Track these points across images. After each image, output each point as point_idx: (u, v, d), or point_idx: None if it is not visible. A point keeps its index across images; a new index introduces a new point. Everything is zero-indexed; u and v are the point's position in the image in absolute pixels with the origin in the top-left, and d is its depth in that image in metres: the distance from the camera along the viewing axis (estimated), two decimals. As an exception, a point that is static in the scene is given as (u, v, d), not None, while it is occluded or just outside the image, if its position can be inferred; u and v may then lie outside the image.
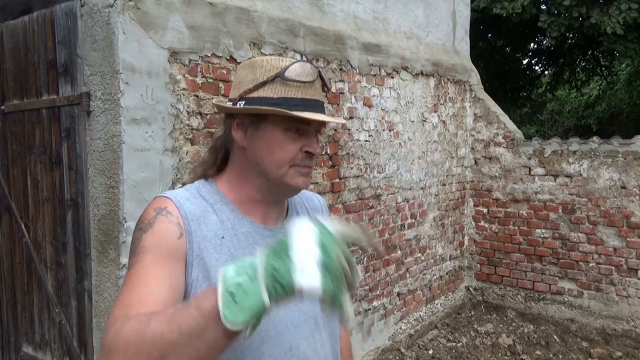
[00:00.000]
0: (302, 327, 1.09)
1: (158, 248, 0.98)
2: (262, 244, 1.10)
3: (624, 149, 4.62)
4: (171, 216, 1.02)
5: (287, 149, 1.06)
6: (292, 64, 1.07)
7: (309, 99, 1.06)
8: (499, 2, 7.70)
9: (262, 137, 1.07)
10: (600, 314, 4.77)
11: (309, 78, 1.06)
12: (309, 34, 3.46)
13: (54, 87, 2.72)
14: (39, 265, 2.93)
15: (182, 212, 1.04)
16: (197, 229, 1.04)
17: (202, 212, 1.07)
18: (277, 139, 1.06)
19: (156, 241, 0.98)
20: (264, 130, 1.07)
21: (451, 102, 5.15)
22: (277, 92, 1.05)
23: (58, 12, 2.65)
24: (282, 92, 1.05)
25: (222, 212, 1.10)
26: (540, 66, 12.31)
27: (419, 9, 4.76)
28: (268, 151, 1.07)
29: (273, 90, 1.05)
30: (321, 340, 1.13)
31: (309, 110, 1.05)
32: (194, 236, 1.03)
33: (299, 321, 1.09)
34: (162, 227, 1.00)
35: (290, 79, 1.05)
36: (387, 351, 4.36)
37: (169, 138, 2.61)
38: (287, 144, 1.06)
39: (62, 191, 2.75)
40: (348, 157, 3.86)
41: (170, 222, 1.01)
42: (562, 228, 4.94)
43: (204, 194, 1.11)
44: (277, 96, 1.04)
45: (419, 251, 4.77)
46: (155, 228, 1.00)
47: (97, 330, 2.60)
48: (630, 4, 6.71)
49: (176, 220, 1.02)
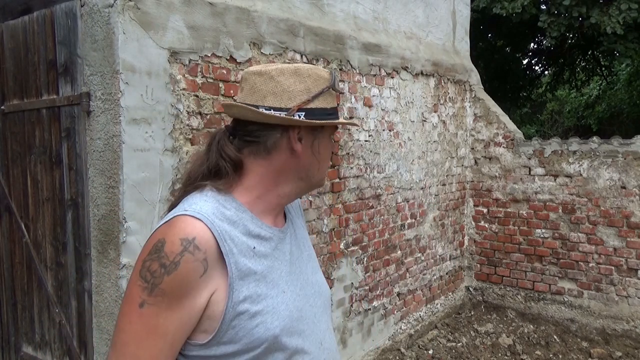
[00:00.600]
0: (321, 320, 1.17)
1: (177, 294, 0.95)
2: (281, 248, 1.13)
3: (624, 149, 4.62)
4: (198, 252, 0.96)
5: (329, 153, 1.18)
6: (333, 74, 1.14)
7: (336, 108, 1.15)
8: (499, 2, 7.70)
9: (320, 146, 1.13)
10: (600, 314, 4.77)
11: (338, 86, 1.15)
12: (309, 34, 3.46)
13: (54, 87, 2.72)
14: (39, 265, 2.93)
15: (215, 232, 0.99)
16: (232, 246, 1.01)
17: (230, 225, 1.04)
18: (329, 146, 1.17)
19: (177, 286, 0.94)
20: (321, 140, 1.13)
21: (451, 102, 5.15)
22: (329, 102, 1.11)
23: (58, 12, 2.65)
24: (332, 102, 1.12)
25: (246, 221, 1.07)
26: (540, 66, 12.31)
27: (419, 9, 4.76)
28: (323, 158, 1.15)
29: (325, 101, 1.10)
30: (331, 329, 1.22)
31: (337, 117, 1.15)
32: (231, 256, 1.00)
33: (319, 315, 1.17)
34: (187, 269, 0.95)
35: (338, 90, 1.13)
36: (387, 351, 4.36)
37: (169, 138, 2.61)
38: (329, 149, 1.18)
39: (62, 191, 2.75)
40: (348, 157, 3.86)
41: (195, 261, 0.95)
42: (562, 228, 4.94)
43: (224, 203, 1.06)
44: (330, 106, 1.11)
45: (419, 251, 4.77)
46: (180, 270, 0.94)
47: (97, 330, 2.60)
48: (630, 4, 6.71)
49: (203, 255, 0.96)
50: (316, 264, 1.27)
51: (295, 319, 1.08)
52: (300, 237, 1.24)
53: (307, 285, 1.17)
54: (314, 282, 1.20)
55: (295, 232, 1.23)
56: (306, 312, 1.13)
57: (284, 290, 1.08)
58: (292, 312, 1.08)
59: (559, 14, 7.45)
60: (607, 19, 6.80)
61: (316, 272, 1.24)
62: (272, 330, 1.02)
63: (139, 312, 0.94)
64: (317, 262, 1.28)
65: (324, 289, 1.23)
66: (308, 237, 1.31)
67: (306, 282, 1.17)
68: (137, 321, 0.94)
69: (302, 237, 1.26)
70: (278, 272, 1.09)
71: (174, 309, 0.94)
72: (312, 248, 1.29)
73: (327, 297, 1.24)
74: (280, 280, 1.09)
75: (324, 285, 1.24)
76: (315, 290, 1.19)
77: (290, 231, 1.20)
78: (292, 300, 1.09)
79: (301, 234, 1.26)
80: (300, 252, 1.20)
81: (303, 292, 1.14)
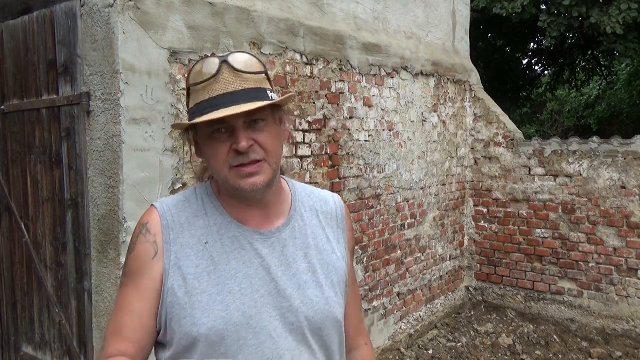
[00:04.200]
0: (286, 338, 1.04)
1: (137, 273, 1.06)
2: (249, 248, 1.07)
3: (624, 149, 4.61)
4: (149, 235, 1.06)
5: (217, 153, 1.02)
6: (194, 66, 1.04)
7: (216, 96, 0.99)
8: (499, 2, 7.69)
9: (202, 148, 1.08)
10: (600, 314, 4.77)
11: (207, 73, 1.00)
12: (309, 34, 3.46)
13: (54, 87, 2.72)
14: (39, 265, 2.93)
15: (164, 221, 1.07)
16: (179, 237, 1.06)
17: (190, 217, 1.09)
18: (209, 146, 1.04)
19: (135, 265, 1.06)
20: (200, 141, 1.07)
21: (451, 102, 5.15)
22: (193, 100, 1.03)
23: (58, 12, 2.65)
24: (195, 99, 1.02)
25: (212, 216, 1.09)
26: (540, 66, 12.31)
27: (419, 9, 4.76)
28: (208, 160, 1.08)
29: (192, 100, 1.04)
30: (310, 352, 1.07)
31: (219, 107, 0.98)
32: (172, 245, 1.06)
33: (283, 332, 1.04)
34: (140, 249, 1.06)
35: (194, 84, 1.02)
36: (387, 351, 4.36)
37: (169, 138, 2.61)
38: (215, 148, 1.02)
39: (62, 191, 2.75)
40: (348, 157, 3.86)
41: (147, 242, 1.06)
42: (562, 228, 4.94)
43: (199, 195, 1.13)
44: (193, 104, 1.03)
45: (419, 251, 4.77)
46: (136, 250, 1.07)
47: (97, 330, 2.60)
48: (630, 4, 6.70)
49: (152, 238, 1.06)
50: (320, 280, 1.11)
51: (234, 324, 1.00)
52: (305, 247, 1.12)
53: (278, 296, 1.05)
54: (295, 296, 1.06)
55: (297, 240, 1.12)
56: (260, 322, 1.02)
57: (231, 291, 1.02)
58: (232, 315, 1.01)
59: (559, 14, 7.45)
60: (607, 19, 6.80)
61: (310, 288, 1.09)
62: (197, 327, 0.99)
63: (119, 292, 1.09)
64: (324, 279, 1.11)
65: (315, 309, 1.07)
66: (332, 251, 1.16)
67: (277, 292, 1.05)
68: (117, 301, 1.08)
69: (309, 247, 1.13)
70: (232, 271, 1.04)
71: (138, 286, 1.04)
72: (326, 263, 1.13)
73: (315, 318, 1.07)
74: (232, 280, 1.03)
75: (317, 305, 1.08)
76: (292, 304, 1.05)
77: (283, 236, 1.10)
78: (238, 303, 1.02)
79: (309, 244, 1.13)
80: (292, 261, 1.09)
81: (265, 300, 1.04)
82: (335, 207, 1.22)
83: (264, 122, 1.03)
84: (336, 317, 1.12)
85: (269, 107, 1.02)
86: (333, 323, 1.11)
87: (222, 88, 0.99)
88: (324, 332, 1.09)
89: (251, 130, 1.02)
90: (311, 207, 1.19)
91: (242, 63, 1.01)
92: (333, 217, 1.20)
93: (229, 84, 1.00)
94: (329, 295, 1.11)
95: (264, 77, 1.05)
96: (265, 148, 1.02)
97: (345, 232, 1.21)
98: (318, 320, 1.08)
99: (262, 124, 1.03)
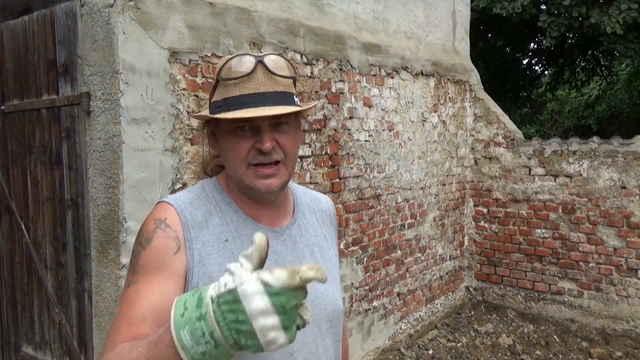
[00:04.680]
0: (304, 332, 1.05)
1: (154, 267, 0.99)
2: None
3: (624, 149, 4.62)
4: (169, 229, 1.02)
5: (237, 149, 1.04)
6: (227, 61, 1.03)
7: (247, 95, 1.01)
8: (499, 2, 7.69)
9: (221, 142, 1.07)
10: (600, 314, 4.77)
11: (243, 71, 1.01)
12: (309, 34, 3.46)
13: (54, 87, 2.72)
14: (39, 265, 2.93)
15: (183, 218, 1.04)
16: (199, 235, 1.04)
17: (205, 214, 1.07)
18: (229, 141, 1.04)
19: (152, 259, 1.00)
20: (219, 135, 1.07)
21: (451, 102, 5.15)
22: (221, 94, 1.03)
23: (58, 12, 2.65)
24: (223, 93, 1.03)
25: (226, 213, 1.09)
26: (540, 66, 12.31)
27: (419, 9, 4.76)
28: (225, 155, 1.07)
29: (218, 93, 1.04)
30: (324, 345, 1.11)
31: (249, 106, 0.99)
32: (195, 243, 1.03)
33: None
34: (159, 244, 1.01)
35: (225, 78, 1.02)
36: (387, 351, 4.36)
37: (169, 138, 2.61)
38: (237, 144, 1.03)
39: (62, 191, 2.75)
40: (348, 157, 3.86)
41: (168, 237, 1.01)
42: (562, 228, 4.94)
43: (209, 192, 1.11)
44: (221, 98, 1.03)
45: (419, 251, 4.77)
46: (153, 244, 1.01)
47: (97, 330, 2.60)
48: (630, 4, 6.70)
49: (174, 233, 1.02)
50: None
51: None
52: (310, 244, 1.17)
53: None
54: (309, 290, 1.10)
55: (304, 237, 1.16)
56: None
57: None
58: None
59: (558, 14, 7.45)
60: (607, 18, 6.80)
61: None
62: None
63: (126, 292, 1.00)
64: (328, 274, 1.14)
65: (325, 302, 1.12)
66: (329, 248, 1.22)
67: None
68: (124, 301, 0.99)
69: (313, 244, 1.17)
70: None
71: (153, 281, 0.98)
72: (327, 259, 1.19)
73: (326, 310, 1.12)
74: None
75: (327, 297, 1.13)
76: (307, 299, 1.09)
77: (293, 233, 1.14)
78: None
79: (313, 241, 1.18)
80: (302, 257, 1.13)
81: None
82: (328, 206, 1.29)
83: (287, 125, 1.06)
84: (341, 309, 1.19)
85: (293, 112, 1.05)
86: (339, 315, 1.18)
87: (254, 87, 1.01)
88: (333, 323, 1.15)
89: (275, 132, 1.04)
90: (309, 205, 1.24)
91: (276, 66, 1.04)
92: (327, 215, 1.27)
93: (260, 85, 1.01)
94: (334, 289, 1.17)
95: (291, 82, 1.07)
96: (286, 150, 1.05)
97: (335, 230, 1.30)
98: (329, 313, 1.13)
99: (285, 127, 1.05)
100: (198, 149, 2.74)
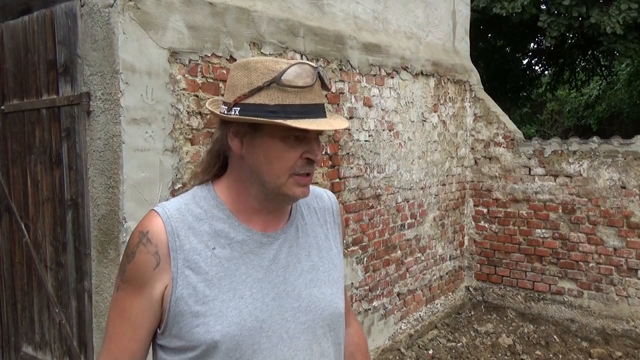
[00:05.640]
0: (298, 338, 1.07)
1: (135, 282, 1.03)
2: (258, 252, 1.07)
3: (624, 149, 4.62)
4: (150, 245, 1.02)
5: (286, 158, 1.01)
6: (290, 67, 0.99)
7: (308, 105, 1.00)
8: (499, 2, 7.69)
9: (260, 146, 1.02)
10: (600, 314, 4.77)
11: (307, 81, 0.99)
12: (309, 34, 3.46)
13: (54, 87, 2.72)
14: (39, 265, 2.93)
15: (169, 227, 1.03)
16: (185, 243, 1.03)
17: (192, 222, 1.05)
18: (275, 148, 1.01)
19: (134, 274, 1.03)
20: (261, 140, 1.02)
21: (451, 102, 5.15)
22: (273, 98, 0.98)
23: (58, 12, 2.65)
24: (278, 98, 0.98)
25: (217, 220, 1.07)
26: (540, 66, 12.31)
27: (419, 9, 4.76)
28: (266, 161, 1.02)
29: (269, 97, 0.98)
30: (321, 351, 1.10)
31: (308, 116, 0.99)
32: (179, 252, 1.02)
33: (295, 332, 1.06)
34: (140, 260, 1.02)
35: (287, 85, 0.98)
36: (387, 351, 4.36)
37: (169, 138, 2.61)
38: (285, 152, 1.01)
39: (62, 191, 2.75)
40: (348, 157, 3.86)
41: (147, 253, 1.02)
42: (562, 228, 4.94)
43: (199, 200, 1.08)
44: (274, 103, 0.98)
45: (419, 251, 4.77)
46: (135, 260, 1.03)
47: (97, 330, 2.61)
48: (630, 4, 6.70)
49: (154, 248, 1.02)
50: (322, 278, 1.14)
51: (248, 329, 1.01)
52: (307, 246, 1.15)
53: (287, 297, 1.07)
54: (303, 296, 1.09)
55: (300, 239, 1.14)
56: (272, 325, 1.04)
57: (242, 296, 1.03)
58: (245, 320, 1.01)
59: (558, 14, 7.45)
60: (607, 18, 6.80)
61: (316, 286, 1.11)
62: (211, 334, 0.99)
63: (115, 295, 1.07)
64: (326, 277, 1.15)
65: (321, 306, 1.11)
66: (330, 248, 1.20)
67: (287, 294, 1.07)
68: (113, 304, 1.07)
69: (311, 245, 1.15)
70: (242, 276, 1.04)
71: (136, 295, 1.03)
72: (326, 260, 1.17)
73: (322, 315, 1.11)
74: (242, 285, 1.03)
75: (323, 302, 1.11)
76: (301, 304, 1.08)
77: (288, 237, 1.12)
78: (250, 308, 1.02)
79: (311, 243, 1.16)
80: (297, 261, 1.11)
81: (276, 303, 1.05)
82: (331, 204, 1.26)
83: (321, 136, 1.09)
84: (341, 312, 1.16)
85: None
86: (338, 318, 1.15)
87: (313, 98, 1.01)
88: (332, 327, 1.13)
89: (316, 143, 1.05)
90: (308, 204, 1.21)
91: (327, 79, 1.06)
92: (329, 213, 1.24)
93: (316, 96, 1.03)
94: (332, 292, 1.14)
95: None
96: (318, 160, 1.07)
97: (339, 227, 1.26)
98: (326, 317, 1.11)
99: (320, 138, 1.08)
100: (198, 149, 2.74)
